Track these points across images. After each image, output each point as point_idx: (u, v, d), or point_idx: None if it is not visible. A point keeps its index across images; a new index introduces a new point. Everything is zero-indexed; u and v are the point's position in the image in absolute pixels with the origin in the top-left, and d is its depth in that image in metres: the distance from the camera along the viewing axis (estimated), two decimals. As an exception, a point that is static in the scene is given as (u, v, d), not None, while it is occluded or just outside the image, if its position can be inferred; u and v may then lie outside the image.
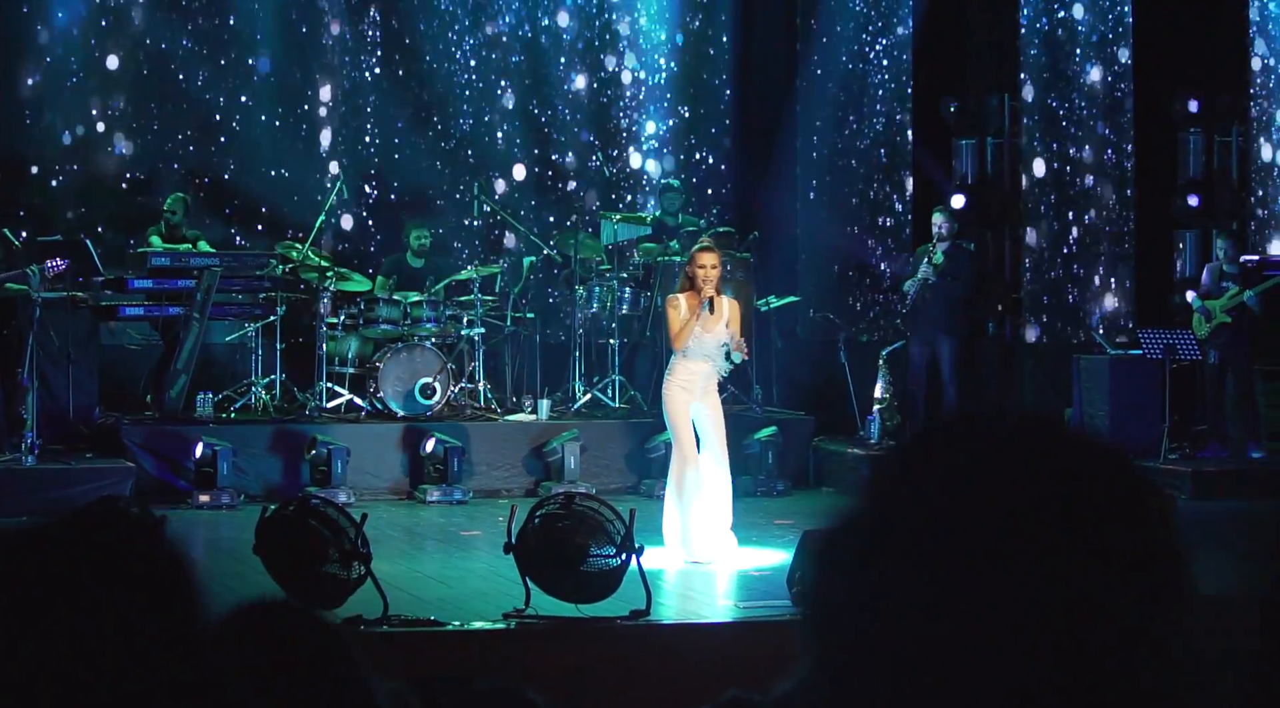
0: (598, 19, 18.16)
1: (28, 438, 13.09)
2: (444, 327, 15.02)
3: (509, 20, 17.91)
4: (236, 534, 10.45)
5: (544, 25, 17.99)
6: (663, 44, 18.32)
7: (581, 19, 18.13)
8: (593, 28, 18.16)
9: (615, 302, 15.38)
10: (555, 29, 18.03)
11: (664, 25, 18.33)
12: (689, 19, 18.42)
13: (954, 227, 15.40)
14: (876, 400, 15.10)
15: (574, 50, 18.14)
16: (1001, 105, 17.29)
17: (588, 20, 18.15)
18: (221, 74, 17.01)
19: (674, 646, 8.26)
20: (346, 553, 8.27)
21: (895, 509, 1.35)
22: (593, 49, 18.17)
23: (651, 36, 18.31)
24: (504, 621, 8.44)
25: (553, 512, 8.64)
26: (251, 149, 17.06)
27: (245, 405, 14.67)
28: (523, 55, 17.95)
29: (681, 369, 10.69)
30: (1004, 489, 1.31)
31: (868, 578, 1.32)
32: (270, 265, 15.08)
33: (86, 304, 14.57)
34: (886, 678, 1.29)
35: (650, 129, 18.29)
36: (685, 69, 18.37)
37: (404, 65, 17.58)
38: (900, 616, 1.29)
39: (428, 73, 17.63)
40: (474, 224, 17.22)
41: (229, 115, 17.04)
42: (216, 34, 17.02)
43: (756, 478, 14.24)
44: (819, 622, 1.36)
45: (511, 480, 14.33)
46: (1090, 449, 1.37)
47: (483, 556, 10.79)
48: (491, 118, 17.83)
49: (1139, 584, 1.30)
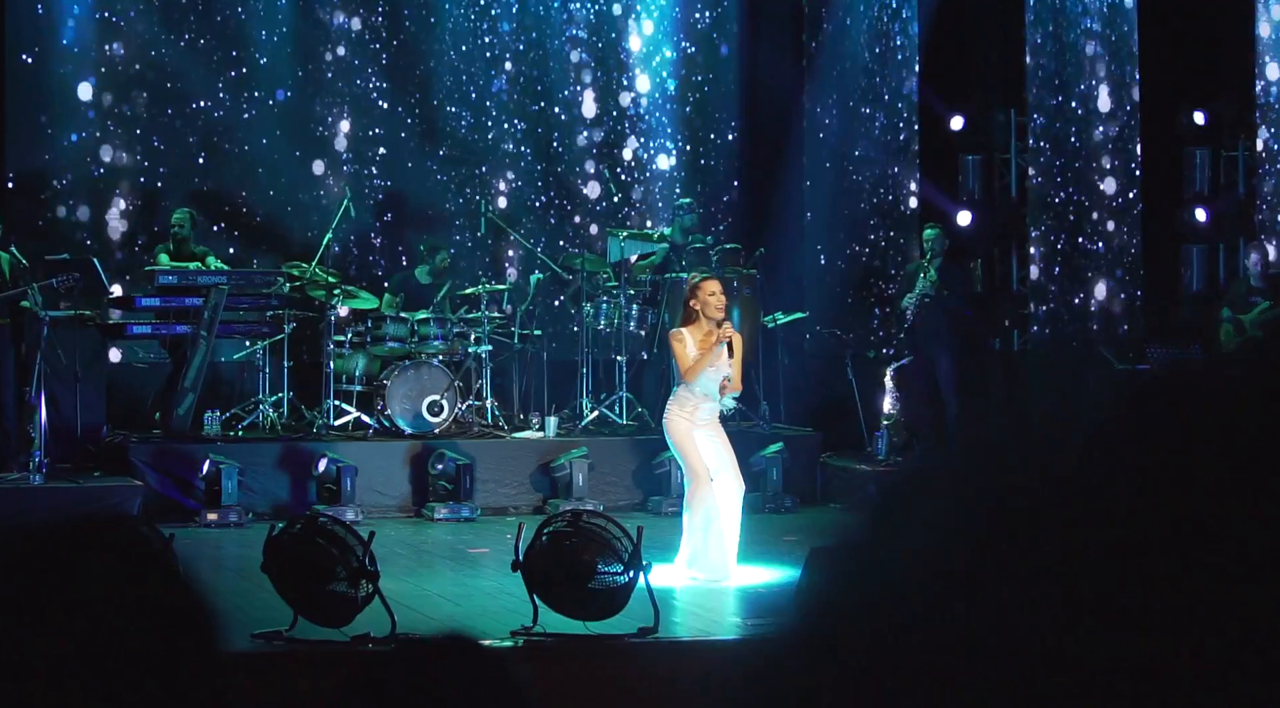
0: (604, 33, 18.18)
1: (36, 456, 13.10)
2: (451, 344, 15.03)
3: (517, 36, 17.92)
4: (244, 552, 10.46)
5: (550, 39, 18.01)
6: (668, 59, 18.34)
7: (588, 33, 18.15)
8: (599, 42, 18.18)
9: (623, 319, 15.38)
10: (562, 43, 18.05)
11: (670, 41, 18.35)
12: (695, 34, 18.43)
13: (945, 243, 15.44)
14: (884, 416, 15.09)
15: (581, 65, 18.16)
16: (1008, 121, 17.31)
17: (594, 34, 18.17)
18: (229, 92, 17.03)
19: (682, 663, 8.24)
20: (354, 571, 8.27)
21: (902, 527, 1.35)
22: (599, 63, 18.18)
23: (658, 52, 18.33)
24: (512, 639, 8.44)
25: (560, 529, 8.64)
26: (258, 167, 17.08)
27: (253, 423, 14.68)
28: (530, 71, 17.97)
29: (687, 400, 10.67)
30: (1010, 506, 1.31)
31: (873, 595, 1.32)
32: (278, 283, 15.10)
33: (94, 322, 14.59)
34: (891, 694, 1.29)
35: (656, 145, 18.30)
36: (691, 84, 18.39)
37: (411, 84, 17.59)
38: (906, 633, 1.29)
39: (435, 91, 17.64)
40: (483, 241, 17.22)
41: (236, 133, 17.05)
42: (224, 52, 17.04)
43: (764, 495, 14.23)
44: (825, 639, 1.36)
45: (519, 498, 14.32)
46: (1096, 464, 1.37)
47: (491, 573, 10.79)
48: (498, 135, 17.85)
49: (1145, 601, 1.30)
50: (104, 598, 1.50)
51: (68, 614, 1.48)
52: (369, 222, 17.40)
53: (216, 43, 17.04)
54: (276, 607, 8.38)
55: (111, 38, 16.75)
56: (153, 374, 15.39)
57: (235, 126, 17.06)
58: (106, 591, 1.50)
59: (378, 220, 17.50)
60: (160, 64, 16.83)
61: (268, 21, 17.16)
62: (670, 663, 8.25)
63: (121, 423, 14.75)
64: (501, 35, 17.89)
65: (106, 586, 1.51)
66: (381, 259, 17.40)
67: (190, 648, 1.51)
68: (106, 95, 16.76)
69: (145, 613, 1.50)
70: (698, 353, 10.59)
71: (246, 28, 17.10)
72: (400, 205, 17.60)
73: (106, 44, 16.74)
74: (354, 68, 17.49)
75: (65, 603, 1.49)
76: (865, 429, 15.33)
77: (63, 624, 1.48)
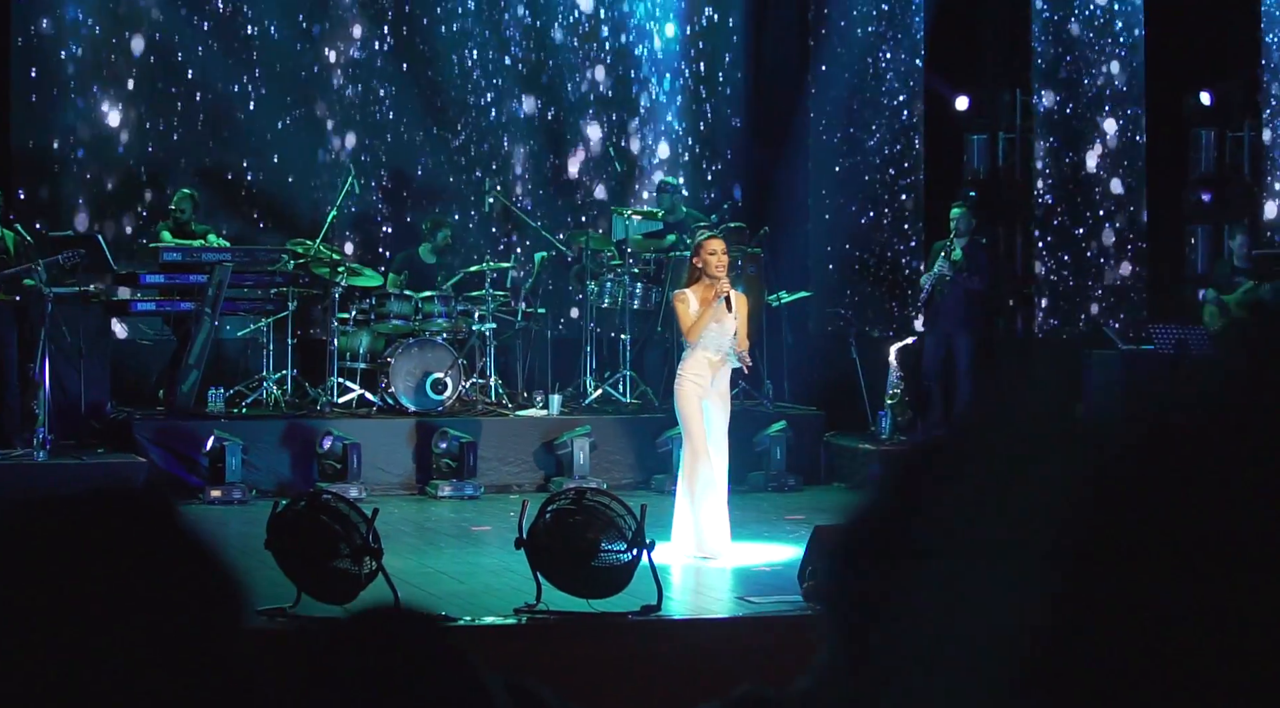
0: (610, 13, 18.16)
1: (40, 433, 13.11)
2: (455, 322, 15.04)
3: (522, 15, 17.91)
4: (248, 530, 10.46)
5: (556, 19, 17.99)
6: (674, 39, 18.32)
7: (594, 13, 18.12)
8: (605, 22, 18.15)
9: (626, 297, 15.38)
10: (567, 23, 18.03)
11: (676, 20, 18.32)
12: (701, 15, 18.40)
13: (972, 222, 15.40)
14: (888, 396, 15.09)
15: (586, 46, 18.13)
16: (1014, 100, 17.28)
17: (600, 14, 18.14)
18: (234, 69, 17.01)
19: (685, 641, 8.26)
20: (358, 549, 8.28)
21: (908, 505, 1.35)
22: (605, 44, 18.16)
23: (663, 32, 18.30)
24: (515, 616, 8.45)
25: (564, 507, 8.65)
26: (263, 144, 17.07)
27: (257, 401, 14.69)
28: (535, 51, 17.96)
29: (694, 361, 10.64)
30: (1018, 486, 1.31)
31: (881, 574, 1.32)
32: (282, 260, 15.10)
33: (99, 299, 14.59)
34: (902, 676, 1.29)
35: (662, 125, 18.28)
36: (697, 65, 18.37)
37: (416, 62, 17.57)
38: (914, 613, 1.29)
39: (440, 68, 17.63)
40: (489, 219, 17.23)
41: (241, 110, 17.04)
42: (229, 29, 17.02)
43: (767, 473, 14.25)
44: (832, 618, 1.36)
45: (523, 476, 14.34)
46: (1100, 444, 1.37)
47: (494, 551, 10.80)
48: (504, 114, 17.84)
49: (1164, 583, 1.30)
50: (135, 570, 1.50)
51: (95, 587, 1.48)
52: (373, 199, 17.40)
53: (221, 17, 17.02)
54: (280, 583, 8.39)
55: (116, 14, 16.73)
56: (157, 351, 15.40)
57: (240, 103, 17.05)
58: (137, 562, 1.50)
59: (382, 198, 17.50)
60: (165, 40, 16.81)
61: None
62: (673, 641, 8.27)
63: (126, 400, 14.76)
64: (511, 11, 17.86)
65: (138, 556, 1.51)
66: (387, 236, 17.40)
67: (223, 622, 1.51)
68: (107, 71, 16.74)
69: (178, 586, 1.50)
70: (701, 310, 10.59)
71: (251, 2, 17.08)
72: (405, 183, 17.59)
73: (111, 21, 16.72)
74: (360, 44, 17.47)
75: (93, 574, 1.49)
76: (869, 409, 15.33)
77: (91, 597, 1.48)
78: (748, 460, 13.82)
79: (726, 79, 18.46)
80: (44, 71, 16.54)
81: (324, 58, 17.36)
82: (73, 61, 16.62)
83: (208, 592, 1.51)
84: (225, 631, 1.50)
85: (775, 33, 18.46)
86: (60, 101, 16.59)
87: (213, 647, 1.48)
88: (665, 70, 18.32)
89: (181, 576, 1.51)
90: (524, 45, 17.93)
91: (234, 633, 1.51)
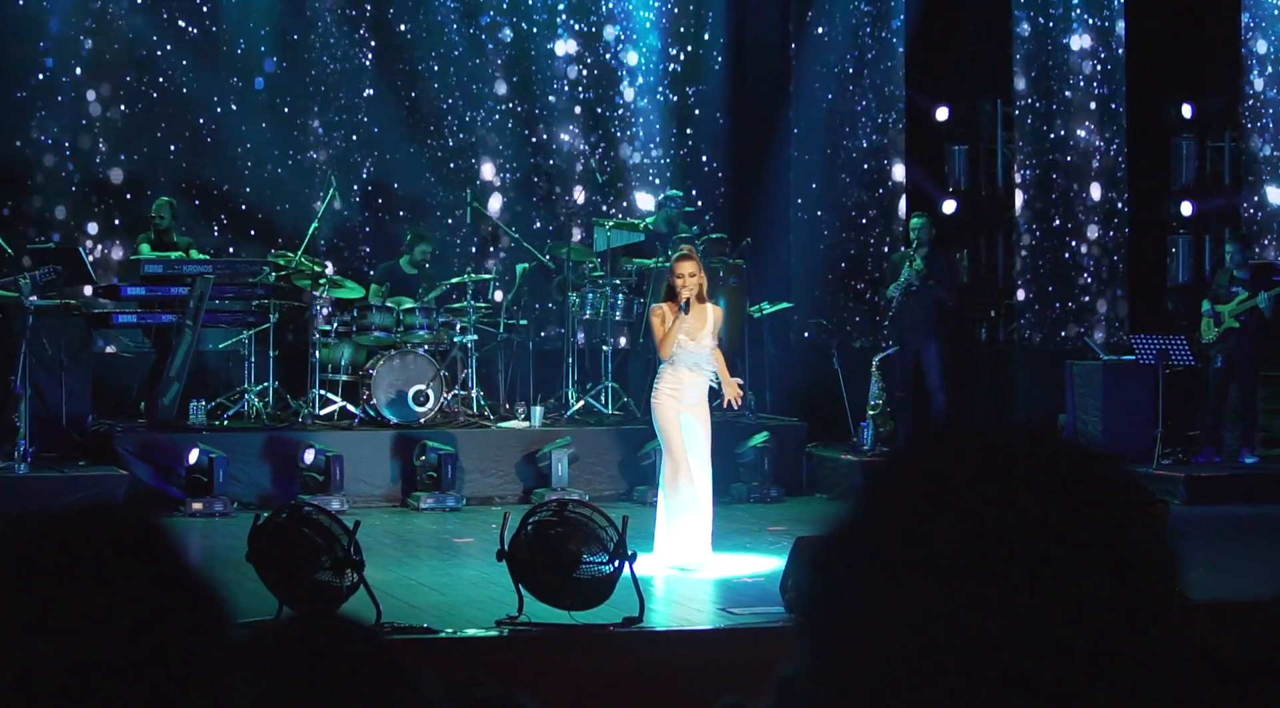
0: (590, 26, 18.16)
1: (20, 446, 13.06)
2: (437, 334, 15.02)
3: (503, 28, 17.91)
4: (229, 542, 10.44)
5: (536, 32, 17.99)
6: (655, 50, 18.33)
7: (574, 26, 18.13)
8: (585, 34, 18.16)
9: (608, 308, 15.38)
10: (547, 35, 18.03)
11: (656, 32, 18.33)
12: (682, 26, 18.41)
13: (932, 232, 15.44)
14: (870, 407, 15.11)
15: (567, 56, 18.14)
16: (994, 111, 17.32)
17: (580, 26, 18.14)
18: (214, 81, 16.99)
19: (667, 653, 8.25)
20: (339, 560, 8.27)
21: (889, 516, 1.35)
22: (585, 55, 18.17)
23: (644, 43, 18.31)
24: (497, 628, 8.44)
25: (545, 519, 8.64)
26: (243, 156, 17.04)
27: (238, 413, 14.66)
28: (516, 62, 17.95)
29: (670, 377, 10.69)
30: (996, 497, 1.31)
31: (861, 585, 1.32)
32: (263, 273, 15.07)
33: (80, 311, 14.55)
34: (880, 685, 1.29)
35: (643, 136, 18.29)
36: (678, 75, 18.38)
37: (397, 73, 17.56)
38: (893, 623, 1.29)
39: (420, 80, 17.62)
40: (467, 231, 17.22)
41: (220, 122, 17.01)
42: (210, 41, 17.00)
43: (750, 484, 14.25)
44: (812, 628, 1.36)
45: (504, 487, 14.32)
46: (1082, 457, 1.37)
47: (475, 563, 10.78)
48: (484, 126, 17.83)
49: (1131, 592, 1.30)
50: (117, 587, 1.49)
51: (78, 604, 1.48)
52: (355, 211, 17.38)
53: (200, 28, 17.00)
54: (262, 596, 8.37)
55: (93, 24, 16.70)
56: (138, 363, 15.36)
57: (219, 114, 17.02)
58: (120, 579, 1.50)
59: (364, 210, 17.48)
60: (143, 51, 16.78)
61: (252, 6, 17.11)
62: (655, 653, 8.26)
63: (107, 412, 14.72)
64: (488, 22, 17.86)
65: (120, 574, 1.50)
66: (367, 248, 17.38)
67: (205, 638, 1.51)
68: (88, 83, 16.71)
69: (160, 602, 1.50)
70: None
71: (230, 13, 17.06)
72: (387, 195, 17.57)
73: (88, 31, 16.69)
74: (340, 55, 17.45)
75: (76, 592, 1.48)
76: (851, 419, 15.34)
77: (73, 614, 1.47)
78: (730, 472, 13.82)
79: (707, 90, 18.47)
80: (23, 84, 16.49)
81: (304, 70, 17.33)
82: (52, 75, 16.57)
83: (189, 607, 1.51)
84: (207, 645, 1.50)
85: (756, 44, 18.48)
86: (39, 114, 16.53)
87: (194, 662, 1.48)
88: (646, 81, 18.32)
89: (162, 591, 1.50)
90: (505, 57, 17.92)
91: (216, 648, 1.51)
